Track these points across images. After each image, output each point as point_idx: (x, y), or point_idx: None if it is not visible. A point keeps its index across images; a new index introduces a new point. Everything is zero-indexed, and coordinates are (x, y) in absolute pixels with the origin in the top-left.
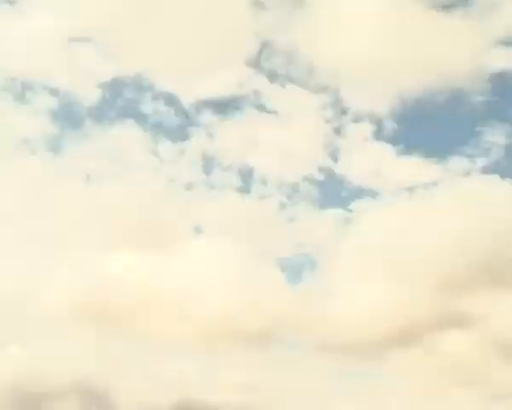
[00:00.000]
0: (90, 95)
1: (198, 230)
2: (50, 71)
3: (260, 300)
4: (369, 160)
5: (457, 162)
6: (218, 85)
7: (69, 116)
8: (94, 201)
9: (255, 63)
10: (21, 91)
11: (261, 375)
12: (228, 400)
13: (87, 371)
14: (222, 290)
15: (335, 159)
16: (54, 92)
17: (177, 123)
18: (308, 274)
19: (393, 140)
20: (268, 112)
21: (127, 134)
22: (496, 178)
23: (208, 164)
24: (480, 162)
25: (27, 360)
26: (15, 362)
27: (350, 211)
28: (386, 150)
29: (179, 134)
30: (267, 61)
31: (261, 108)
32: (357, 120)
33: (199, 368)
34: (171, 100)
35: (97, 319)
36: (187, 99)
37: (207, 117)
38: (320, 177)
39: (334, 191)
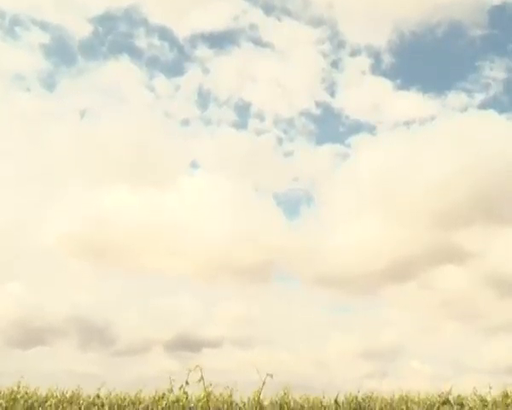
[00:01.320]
0: (82, 29)
1: (194, 165)
2: (39, 5)
3: (258, 234)
4: (367, 94)
5: (455, 97)
6: (213, 18)
7: (62, 51)
8: (89, 136)
9: None
10: (10, 26)
11: (259, 308)
12: (227, 332)
13: (87, 306)
14: (219, 225)
15: (332, 93)
16: (44, 27)
17: (172, 58)
18: (305, 209)
19: (391, 74)
20: (264, 46)
21: (122, 69)
22: (493, 113)
23: (204, 99)
24: (479, 97)
25: (28, 296)
26: (16, 298)
27: (347, 146)
28: (383, 85)
29: (174, 69)
30: None
31: (257, 41)
32: (354, 53)
33: (198, 302)
34: (165, 34)
35: (95, 254)
36: (181, 33)
37: (202, 51)
38: (317, 111)
39: (331, 126)
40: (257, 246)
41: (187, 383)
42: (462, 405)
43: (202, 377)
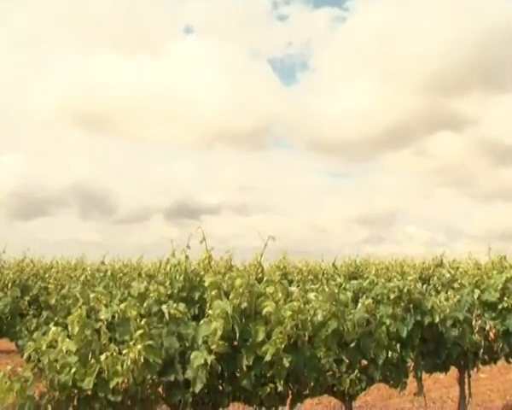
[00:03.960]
0: None
1: (188, 30)
2: None
3: (254, 101)
4: None
5: None
6: None
7: None
8: (79, 3)
9: None
10: None
11: (257, 174)
12: (225, 199)
13: (86, 176)
14: (215, 91)
15: None
16: None
17: None
18: (301, 74)
19: None
20: None
21: None
22: None
23: None
24: None
25: (27, 167)
26: (14, 170)
27: (345, 10)
28: None
29: None
30: None
31: None
32: None
33: (195, 169)
34: None
35: (92, 124)
36: None
37: None
38: None
39: None
40: (253, 112)
41: (188, 247)
42: (456, 268)
43: (204, 239)
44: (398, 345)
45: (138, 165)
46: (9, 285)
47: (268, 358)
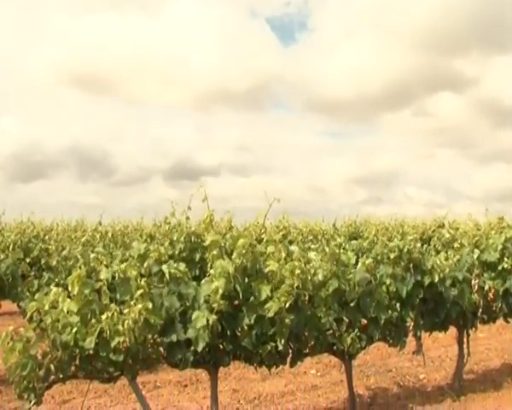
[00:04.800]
0: None
1: None
2: None
3: (252, 61)
4: None
5: None
6: None
7: None
8: None
9: None
10: None
11: (255, 135)
12: (225, 160)
13: (84, 138)
14: (213, 51)
15: None
16: None
17: None
18: (300, 34)
19: None
20: None
21: None
22: None
23: None
24: None
25: (24, 130)
26: (12, 133)
27: None
28: None
29: None
30: None
31: None
32: None
33: (194, 130)
34: None
35: (89, 85)
36: None
37: None
38: None
39: None
40: (252, 73)
41: (189, 208)
42: (456, 229)
43: (206, 198)
44: (397, 304)
45: (137, 126)
46: (11, 247)
47: (271, 315)
